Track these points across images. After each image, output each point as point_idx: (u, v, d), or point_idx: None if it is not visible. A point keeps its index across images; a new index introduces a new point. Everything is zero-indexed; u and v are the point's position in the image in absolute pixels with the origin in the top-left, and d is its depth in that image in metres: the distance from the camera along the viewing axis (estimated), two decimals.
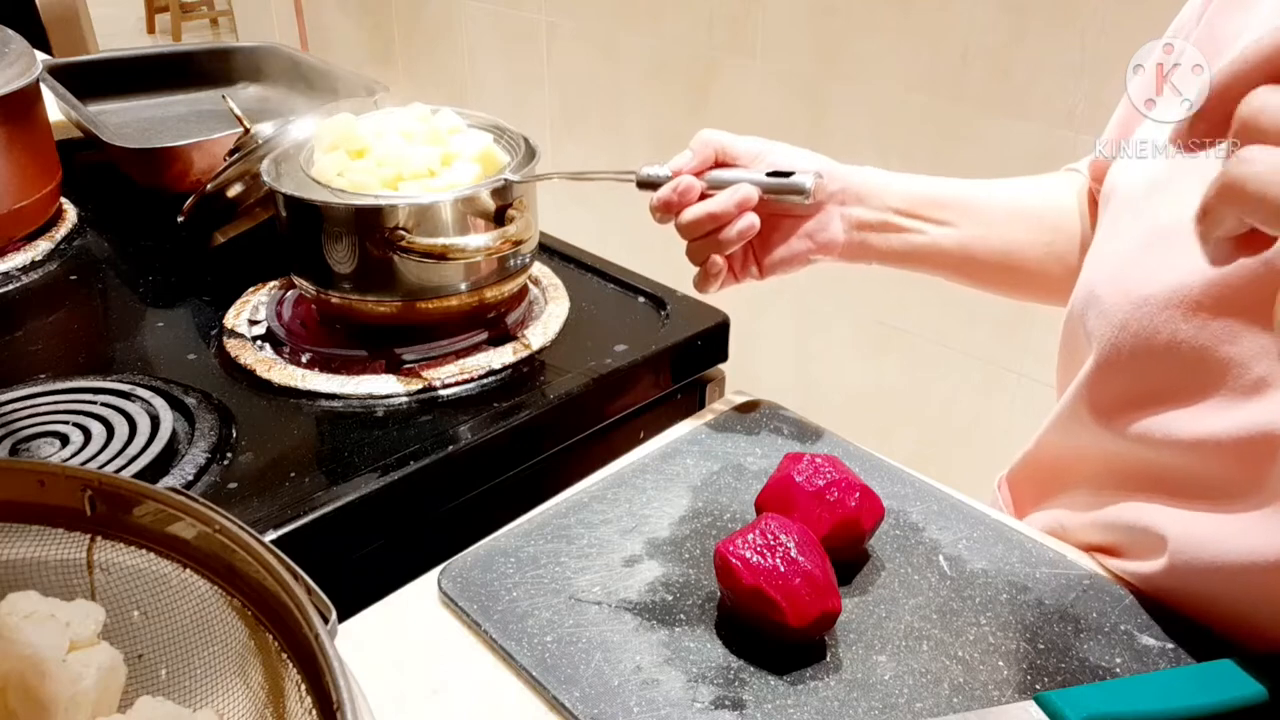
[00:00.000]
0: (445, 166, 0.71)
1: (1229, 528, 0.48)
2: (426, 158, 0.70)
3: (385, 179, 0.70)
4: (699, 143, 0.62)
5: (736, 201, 0.59)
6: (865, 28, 1.52)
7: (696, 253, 0.62)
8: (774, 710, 0.45)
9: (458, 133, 0.74)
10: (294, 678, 0.35)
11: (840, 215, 0.63)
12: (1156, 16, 0.57)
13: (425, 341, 0.73)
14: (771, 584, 0.46)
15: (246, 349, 0.74)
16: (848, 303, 1.69)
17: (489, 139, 0.73)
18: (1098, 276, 0.55)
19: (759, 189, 0.60)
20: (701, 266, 0.62)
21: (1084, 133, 1.29)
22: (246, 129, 0.82)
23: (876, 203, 0.63)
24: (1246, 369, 0.47)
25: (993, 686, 0.47)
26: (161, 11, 5.59)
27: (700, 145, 0.62)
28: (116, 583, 0.40)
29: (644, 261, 0.87)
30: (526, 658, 0.48)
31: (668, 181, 0.61)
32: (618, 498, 0.59)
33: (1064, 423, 0.59)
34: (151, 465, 0.59)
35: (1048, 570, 0.54)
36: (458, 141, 0.73)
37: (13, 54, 0.91)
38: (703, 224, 0.60)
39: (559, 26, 2.06)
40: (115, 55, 1.32)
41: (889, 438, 1.71)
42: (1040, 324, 1.42)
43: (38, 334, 0.79)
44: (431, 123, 0.74)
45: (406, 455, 0.62)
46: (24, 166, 0.91)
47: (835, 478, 0.53)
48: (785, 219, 0.63)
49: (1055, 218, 0.66)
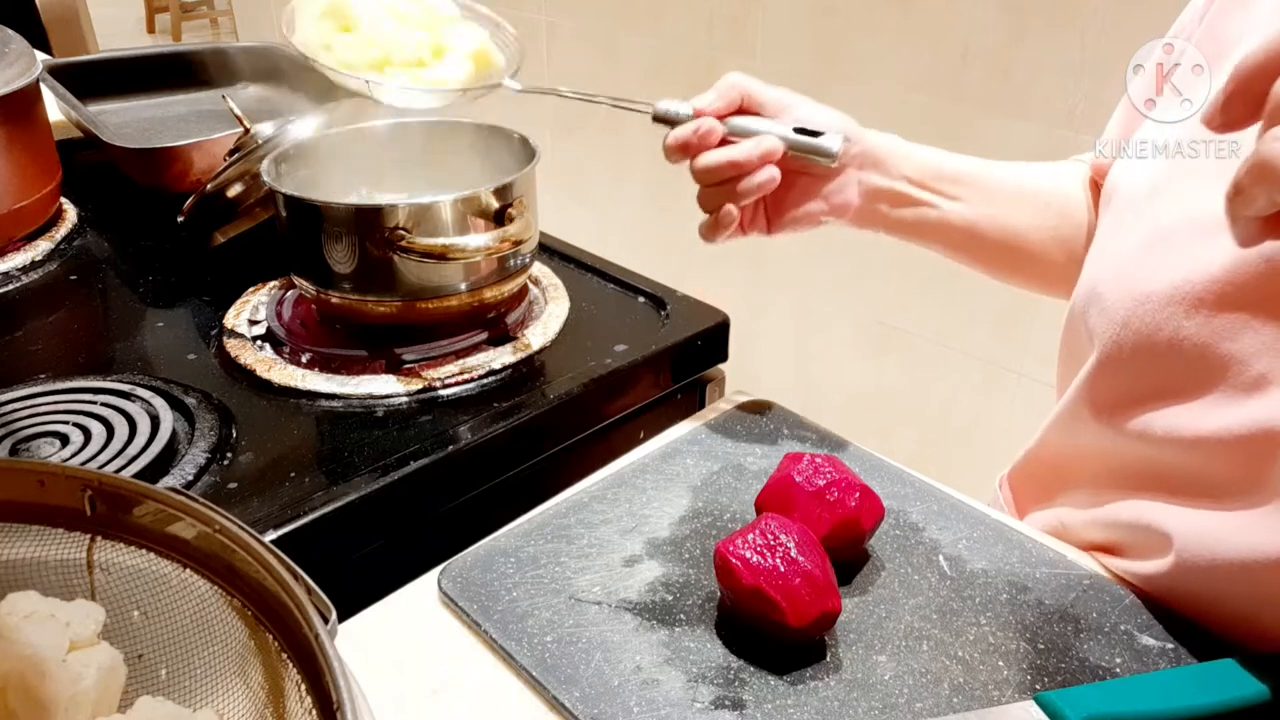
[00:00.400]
0: (437, 59, 0.67)
1: (1230, 525, 0.48)
2: (418, 44, 0.66)
3: (373, 60, 0.65)
4: (725, 85, 0.60)
5: (761, 152, 0.57)
6: (865, 28, 1.52)
7: (710, 199, 0.59)
8: (774, 710, 0.45)
9: (452, 23, 0.69)
10: (294, 678, 0.35)
11: (857, 180, 0.62)
12: (1156, 16, 0.57)
13: (425, 341, 0.73)
14: (771, 584, 0.46)
15: (246, 349, 0.74)
16: (848, 303, 1.69)
17: (485, 35, 0.69)
18: (1100, 275, 0.55)
19: (785, 144, 0.58)
20: (713, 214, 0.60)
21: (1084, 133, 1.29)
22: (246, 129, 0.82)
23: (893, 170, 0.62)
24: (1247, 366, 0.47)
25: (993, 686, 0.47)
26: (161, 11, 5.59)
27: (726, 88, 0.60)
28: (116, 583, 0.40)
29: (644, 261, 0.87)
30: (526, 658, 0.48)
31: (687, 120, 0.59)
32: (618, 498, 0.59)
33: (1065, 421, 0.59)
34: (151, 465, 0.59)
35: (1048, 570, 0.54)
36: (452, 34, 0.69)
37: (13, 54, 0.91)
38: (722, 170, 0.58)
39: (559, 26, 2.06)
40: (115, 55, 1.32)
41: (889, 438, 1.71)
42: (1040, 324, 1.42)
43: (38, 334, 0.79)
44: (426, 4, 0.69)
45: (406, 455, 0.62)
46: (24, 166, 0.91)
47: (835, 478, 0.53)
48: (801, 176, 0.61)
49: (1062, 204, 0.66)
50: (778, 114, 0.60)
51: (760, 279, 1.73)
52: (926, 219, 0.64)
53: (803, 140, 0.59)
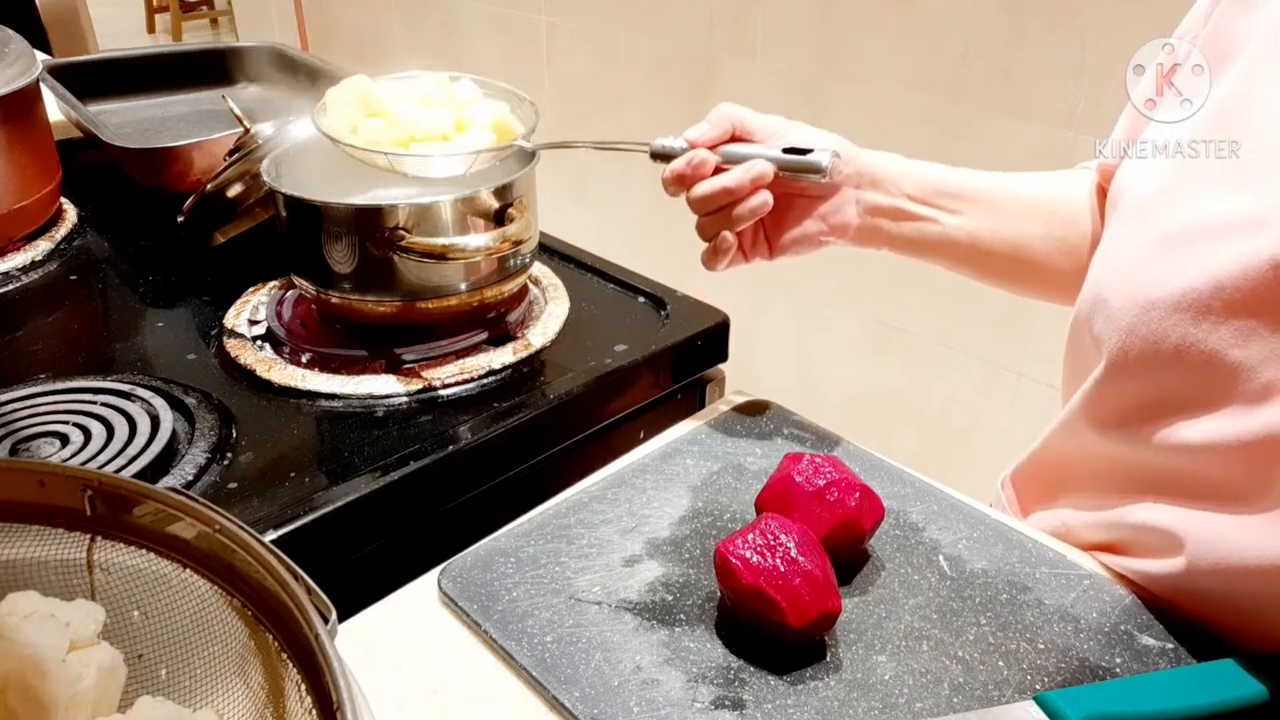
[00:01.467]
0: (459, 132, 0.70)
1: (1237, 530, 0.48)
2: (441, 122, 0.69)
3: (398, 139, 0.68)
4: (717, 115, 0.60)
5: (752, 177, 0.58)
6: (865, 28, 1.52)
7: (707, 228, 0.60)
8: (774, 710, 0.45)
9: (475, 102, 0.72)
10: (294, 678, 0.35)
11: (855, 199, 0.62)
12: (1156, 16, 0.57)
13: (425, 341, 0.73)
14: (771, 584, 0.46)
15: (246, 349, 0.74)
16: (848, 303, 1.69)
17: (505, 109, 0.72)
18: (1105, 280, 0.55)
19: (775, 165, 0.59)
20: (711, 243, 0.60)
21: (1084, 133, 1.29)
22: (246, 129, 0.82)
23: (892, 188, 0.63)
24: (1256, 373, 0.46)
25: (993, 686, 0.47)
26: (161, 11, 5.59)
27: (718, 118, 0.60)
28: (116, 583, 0.40)
29: (644, 261, 0.87)
30: (526, 658, 0.48)
31: (682, 154, 0.60)
32: (618, 498, 0.59)
33: (1070, 426, 0.59)
34: (151, 465, 0.59)
35: (1048, 570, 0.54)
36: (474, 109, 0.71)
37: (13, 54, 0.91)
38: (716, 198, 0.59)
39: (559, 26, 2.06)
40: (115, 55, 1.32)
41: (889, 438, 1.71)
42: (1040, 324, 1.42)
43: (38, 334, 0.79)
44: (450, 90, 0.72)
45: (406, 455, 0.62)
46: (24, 166, 0.91)
47: (835, 478, 0.53)
48: (799, 199, 0.62)
49: (1068, 213, 0.66)
50: (768, 139, 0.61)
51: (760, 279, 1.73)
52: (928, 234, 0.64)
53: (792, 159, 0.59)
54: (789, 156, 0.59)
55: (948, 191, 0.64)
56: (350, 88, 0.70)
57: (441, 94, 0.71)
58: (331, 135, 0.68)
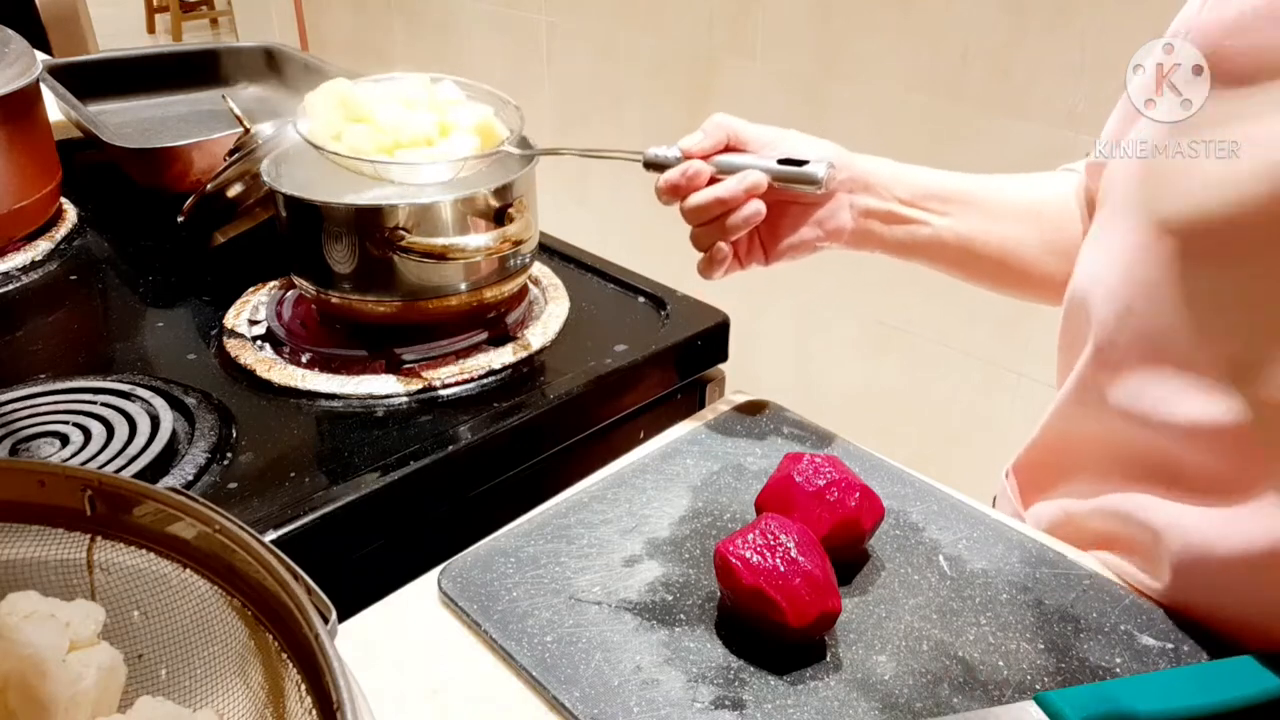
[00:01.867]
0: (443, 137, 0.69)
1: (1221, 519, 0.48)
2: (424, 126, 0.69)
3: (382, 145, 0.68)
4: (711, 125, 0.61)
5: (745, 187, 0.58)
6: (865, 28, 1.52)
7: (701, 238, 0.61)
8: (774, 710, 0.45)
9: (457, 105, 0.72)
10: (294, 678, 0.35)
11: (849, 203, 0.63)
12: (1156, 16, 0.57)
13: (425, 341, 0.73)
14: (771, 584, 0.46)
15: (246, 349, 0.74)
16: (848, 303, 1.69)
17: (489, 111, 0.72)
18: (1099, 263, 0.55)
19: (768, 175, 0.59)
20: (706, 252, 0.61)
21: (1084, 133, 1.29)
22: (246, 129, 0.82)
23: (884, 192, 0.63)
24: (1244, 353, 0.47)
25: (993, 686, 0.47)
26: (161, 11, 5.59)
27: (713, 128, 0.61)
28: (116, 583, 0.40)
29: (644, 261, 0.87)
30: (526, 658, 0.48)
31: (676, 164, 0.60)
32: (618, 498, 0.59)
33: (1066, 408, 0.59)
34: (151, 465, 0.59)
35: (1048, 570, 0.54)
36: (457, 112, 0.71)
37: (13, 54, 0.91)
38: (710, 209, 0.59)
39: (559, 26, 2.06)
40: (115, 55, 1.32)
41: (889, 438, 1.71)
42: (1040, 324, 1.42)
43: (38, 334, 0.79)
44: (432, 92, 0.72)
45: (406, 455, 0.62)
46: (24, 166, 0.91)
47: (835, 478, 0.53)
48: (793, 205, 0.62)
49: (1057, 215, 0.66)
50: (762, 149, 0.61)
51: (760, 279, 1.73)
52: (919, 236, 0.64)
53: (788, 170, 0.59)
54: (785, 168, 0.59)
55: (937, 194, 0.64)
56: (330, 91, 0.70)
57: (424, 96, 0.71)
58: (315, 143, 0.67)
